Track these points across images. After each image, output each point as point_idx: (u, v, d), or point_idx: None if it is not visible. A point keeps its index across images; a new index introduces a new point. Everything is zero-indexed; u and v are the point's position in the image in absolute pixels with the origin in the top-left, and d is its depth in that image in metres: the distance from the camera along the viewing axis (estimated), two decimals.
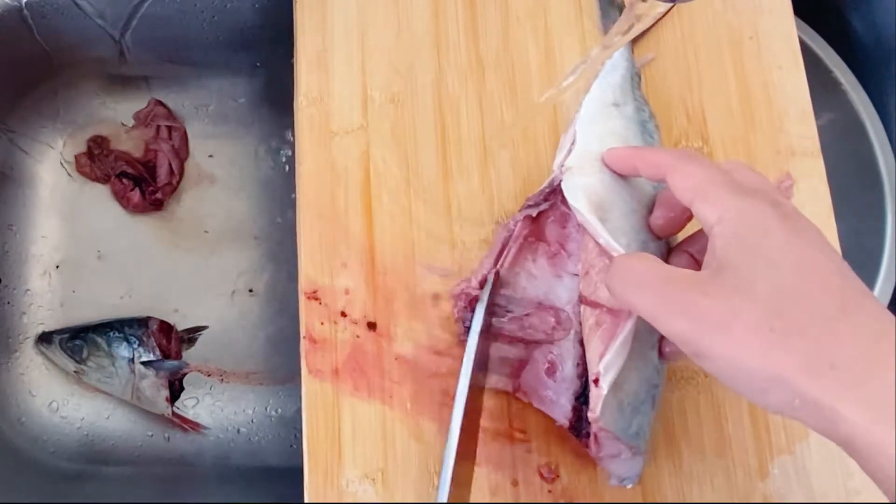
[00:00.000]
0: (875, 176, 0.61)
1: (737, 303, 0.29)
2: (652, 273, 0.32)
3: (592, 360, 0.37)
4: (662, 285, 0.31)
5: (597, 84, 0.46)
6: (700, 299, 0.30)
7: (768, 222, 0.31)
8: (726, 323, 0.29)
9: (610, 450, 0.38)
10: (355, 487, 0.42)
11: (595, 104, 0.45)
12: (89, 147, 0.67)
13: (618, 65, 0.46)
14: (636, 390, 0.38)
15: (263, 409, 0.65)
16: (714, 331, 0.29)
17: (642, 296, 0.32)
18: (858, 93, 0.62)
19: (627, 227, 0.39)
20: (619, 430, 0.37)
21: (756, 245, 0.30)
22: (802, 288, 0.29)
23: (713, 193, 0.32)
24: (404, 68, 0.49)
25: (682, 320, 0.30)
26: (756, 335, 0.29)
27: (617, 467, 0.39)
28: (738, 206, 0.31)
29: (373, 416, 0.43)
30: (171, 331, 0.64)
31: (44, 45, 0.63)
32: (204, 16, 0.62)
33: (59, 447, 0.62)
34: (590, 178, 0.40)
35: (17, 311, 0.65)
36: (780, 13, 0.51)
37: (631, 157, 0.39)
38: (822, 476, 0.44)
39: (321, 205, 0.46)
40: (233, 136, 0.70)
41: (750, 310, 0.29)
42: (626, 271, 0.33)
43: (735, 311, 0.29)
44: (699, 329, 0.30)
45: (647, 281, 0.32)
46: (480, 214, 0.46)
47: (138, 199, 0.66)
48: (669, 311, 0.31)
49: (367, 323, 0.44)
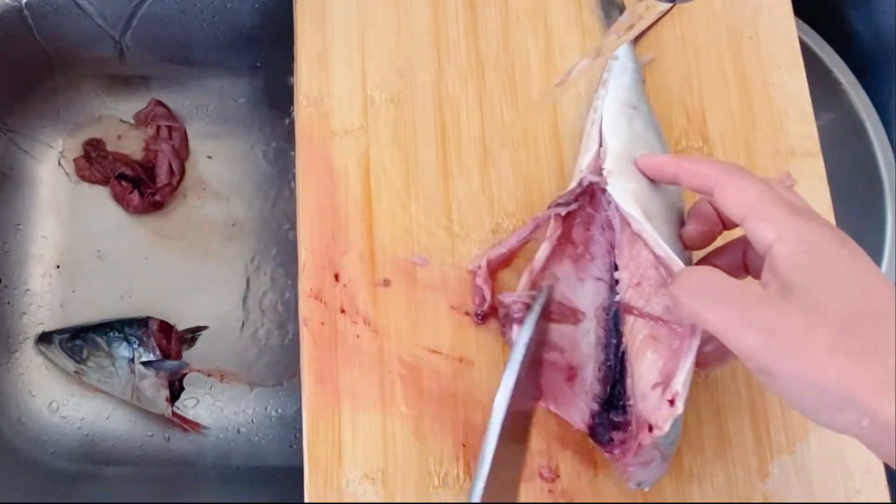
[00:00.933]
0: (875, 176, 0.61)
1: (811, 322, 0.29)
2: (723, 287, 0.32)
3: (647, 373, 0.37)
4: (735, 300, 0.31)
5: (612, 86, 0.45)
6: (774, 316, 0.30)
7: (831, 244, 0.31)
8: (802, 342, 0.29)
9: (646, 458, 0.38)
10: (355, 487, 0.42)
11: (614, 106, 0.44)
12: (86, 150, 0.67)
13: (626, 66, 0.46)
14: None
15: (263, 409, 0.65)
16: (787, 349, 0.29)
17: (713, 310, 0.32)
18: (858, 93, 0.62)
19: (667, 235, 0.39)
20: (661, 440, 0.37)
21: (823, 266, 0.30)
22: (871, 310, 0.29)
23: (769, 212, 0.32)
24: (404, 68, 0.49)
25: (755, 336, 0.30)
26: (831, 355, 0.29)
27: (643, 473, 0.39)
28: (798, 226, 0.31)
29: (373, 417, 0.43)
30: (171, 331, 0.64)
31: (44, 45, 0.63)
32: (204, 16, 0.62)
33: (59, 447, 0.62)
34: (633, 184, 0.40)
35: (17, 311, 0.65)
36: (780, 13, 0.51)
37: (671, 166, 0.38)
38: (822, 476, 0.43)
39: (321, 204, 0.46)
40: (233, 136, 0.70)
41: (824, 329, 0.29)
42: (695, 284, 0.33)
43: (810, 330, 0.29)
44: (772, 346, 0.30)
45: (719, 295, 0.32)
46: (480, 214, 0.46)
47: (138, 202, 0.66)
48: (742, 327, 0.31)
49: (368, 322, 0.44)
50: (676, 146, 0.48)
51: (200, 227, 0.68)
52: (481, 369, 0.44)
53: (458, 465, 0.42)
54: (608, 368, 0.39)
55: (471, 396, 0.43)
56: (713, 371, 0.45)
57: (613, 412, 0.39)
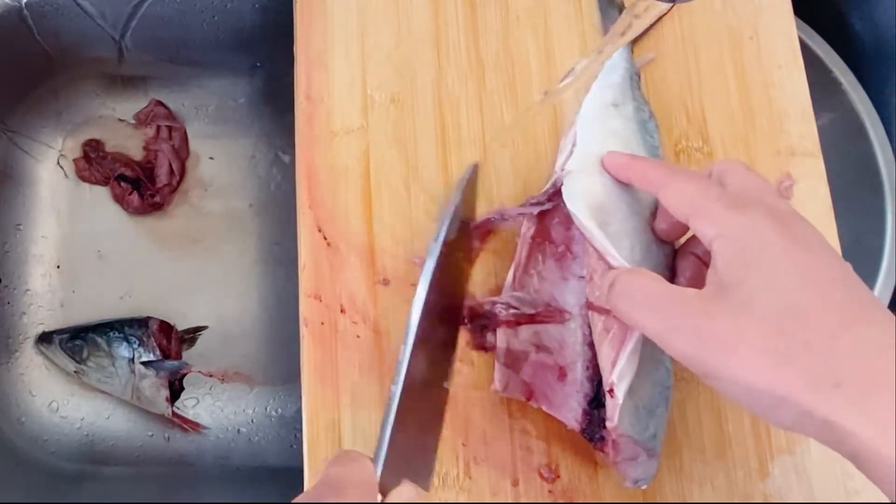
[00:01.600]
0: (875, 176, 0.61)
1: (741, 324, 0.29)
2: (656, 293, 0.32)
3: (605, 367, 0.37)
4: (666, 307, 0.32)
5: (596, 85, 0.46)
6: (704, 322, 0.30)
7: (766, 235, 0.31)
8: (731, 345, 0.29)
9: (628, 454, 0.38)
10: None
11: (594, 105, 0.45)
12: (85, 151, 0.67)
13: (617, 65, 0.46)
14: (651, 394, 0.38)
15: (263, 409, 0.65)
16: (720, 353, 0.30)
17: (647, 317, 0.32)
18: (858, 93, 0.62)
19: (630, 229, 0.39)
20: (636, 434, 0.37)
21: (755, 261, 0.30)
22: (804, 304, 0.29)
23: (707, 209, 0.32)
24: (404, 68, 0.49)
25: (688, 344, 0.30)
26: (761, 356, 0.29)
27: (633, 470, 0.39)
28: (734, 221, 0.31)
29: (373, 416, 0.43)
30: (171, 331, 0.64)
31: (44, 45, 0.63)
32: (204, 16, 0.62)
33: (59, 447, 0.62)
34: (591, 181, 0.40)
35: (17, 311, 0.65)
36: (780, 13, 0.51)
37: (625, 168, 0.39)
38: (822, 476, 0.43)
39: (321, 204, 0.46)
40: (233, 136, 0.70)
41: (754, 331, 0.29)
42: (629, 290, 0.33)
43: (739, 332, 0.29)
44: (705, 351, 0.30)
45: (651, 302, 0.32)
46: (480, 214, 0.46)
47: (137, 203, 0.66)
48: (675, 334, 0.31)
49: (368, 322, 0.44)
50: (676, 146, 0.48)
51: (200, 227, 0.68)
52: (481, 369, 0.44)
53: (457, 464, 0.42)
54: (595, 366, 0.39)
55: (470, 396, 0.43)
56: None
57: (601, 409, 0.39)
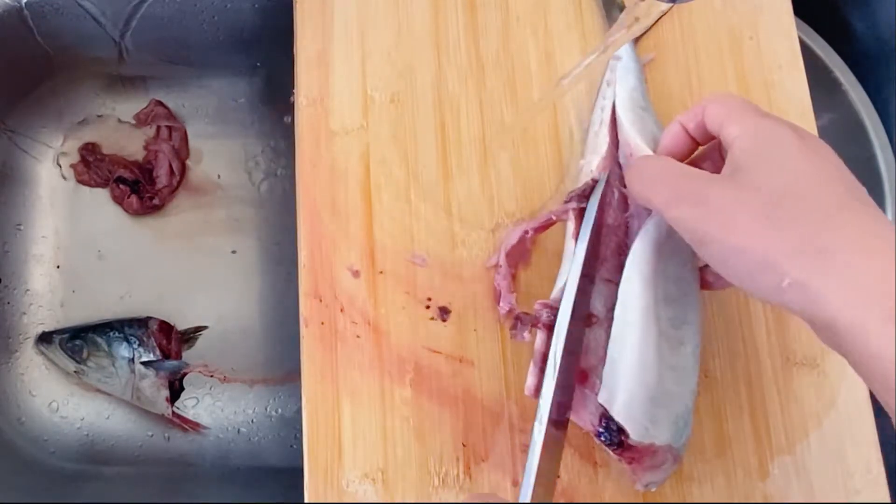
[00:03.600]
0: (875, 176, 0.61)
1: (743, 196, 0.32)
2: (667, 170, 0.35)
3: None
4: (676, 179, 0.34)
5: (620, 88, 0.45)
6: (708, 189, 0.33)
7: (785, 137, 0.33)
8: (729, 210, 0.32)
9: (658, 460, 0.38)
10: (355, 487, 0.42)
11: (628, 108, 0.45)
12: (82, 155, 0.67)
13: (630, 67, 0.46)
14: (686, 403, 0.39)
15: (263, 409, 0.65)
16: (716, 217, 0.32)
17: (657, 191, 0.35)
18: (858, 93, 0.62)
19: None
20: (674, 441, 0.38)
21: (769, 153, 0.33)
22: (805, 188, 0.31)
23: (739, 115, 0.35)
24: (404, 68, 0.49)
25: (689, 207, 0.33)
26: (754, 221, 0.31)
27: (654, 474, 0.39)
28: (758, 122, 0.34)
29: (373, 416, 0.43)
30: (171, 331, 0.64)
31: (44, 45, 0.63)
32: (204, 16, 0.62)
33: (59, 447, 0.62)
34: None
35: (17, 311, 0.65)
36: (780, 13, 0.51)
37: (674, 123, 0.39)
38: (822, 476, 0.43)
39: (321, 205, 0.46)
40: (233, 136, 0.70)
41: (753, 203, 0.31)
42: (643, 169, 0.36)
43: (739, 201, 0.32)
44: (703, 214, 0.32)
45: (663, 177, 0.35)
46: (480, 214, 0.46)
47: (137, 205, 0.66)
48: (678, 200, 0.34)
49: (368, 322, 0.44)
50: None
51: (200, 227, 0.68)
52: (481, 369, 0.44)
53: (458, 465, 0.42)
54: None
55: (471, 396, 0.43)
56: (714, 372, 0.45)
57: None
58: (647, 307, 0.38)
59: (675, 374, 0.38)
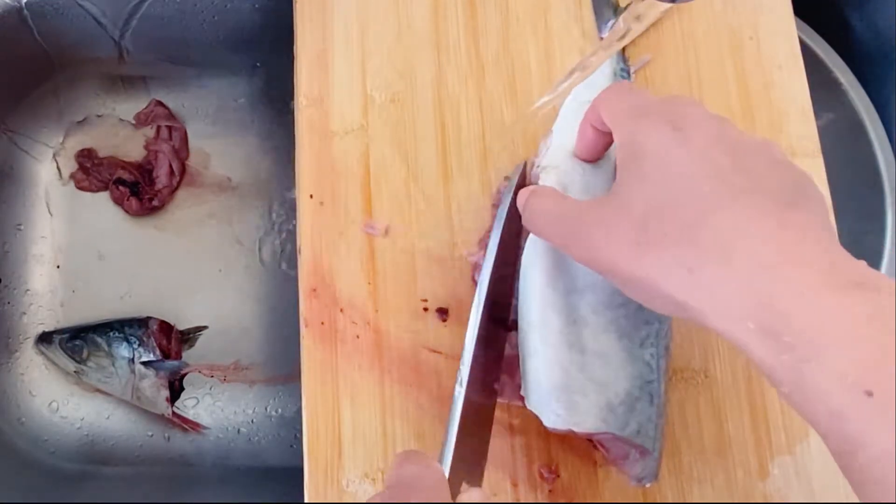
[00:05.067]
0: (875, 176, 0.61)
1: (614, 222, 0.32)
2: (553, 208, 0.36)
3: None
4: (561, 220, 0.35)
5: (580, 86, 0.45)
6: (588, 223, 0.33)
7: (654, 139, 0.32)
8: (607, 242, 0.32)
9: (617, 451, 0.38)
10: (355, 487, 0.42)
11: (572, 104, 0.45)
12: (80, 163, 0.67)
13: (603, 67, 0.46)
14: (627, 389, 0.38)
15: (263, 409, 0.65)
16: (600, 251, 0.33)
17: (548, 233, 0.36)
18: (858, 93, 0.62)
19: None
20: (617, 431, 0.37)
21: (636, 165, 0.32)
22: (669, 201, 0.31)
23: (620, 121, 0.35)
24: (404, 68, 0.49)
25: (580, 248, 0.34)
26: (627, 250, 0.32)
27: (631, 468, 0.39)
28: (632, 128, 0.34)
29: (373, 416, 0.43)
30: (171, 331, 0.64)
31: (44, 45, 0.63)
32: (204, 16, 0.62)
33: (59, 447, 0.62)
34: (569, 177, 0.40)
35: (17, 311, 0.65)
36: (780, 13, 0.51)
37: (584, 123, 0.39)
38: (822, 476, 0.43)
39: (321, 204, 0.46)
40: (233, 136, 0.70)
41: (622, 226, 0.32)
42: (535, 209, 0.37)
43: (612, 230, 0.32)
44: (590, 251, 0.33)
45: (550, 218, 0.36)
46: (480, 214, 0.46)
47: (137, 207, 0.66)
48: (567, 241, 0.35)
49: (368, 322, 0.44)
50: None
51: (200, 227, 0.68)
52: None
53: None
54: None
55: None
56: (714, 372, 0.45)
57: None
58: (544, 298, 0.38)
59: (600, 361, 0.38)
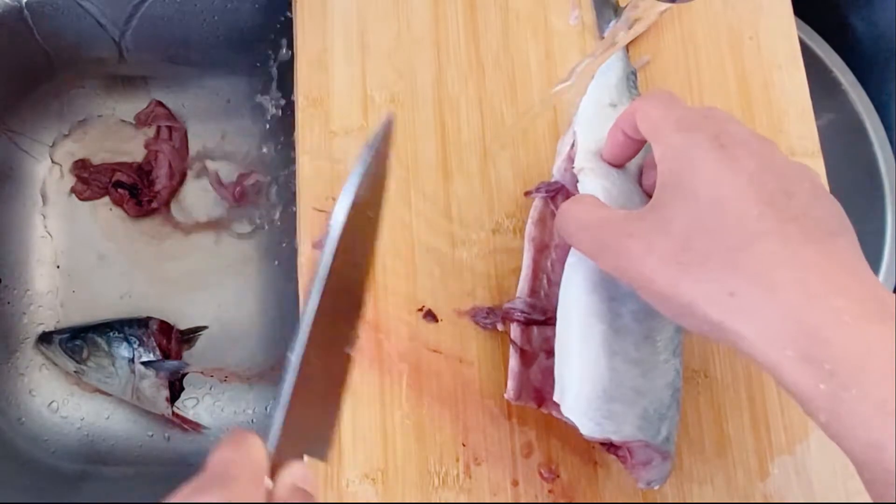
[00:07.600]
0: (875, 176, 0.61)
1: (654, 239, 0.32)
2: (588, 216, 0.35)
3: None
4: (597, 228, 0.34)
5: (593, 85, 0.45)
6: (627, 236, 0.33)
7: (700, 156, 0.32)
8: (645, 259, 0.32)
9: (641, 458, 0.38)
10: (355, 487, 0.42)
11: (592, 106, 0.44)
12: (77, 174, 0.67)
13: (612, 65, 0.46)
14: (661, 397, 0.38)
15: (263, 409, 0.65)
16: (635, 266, 0.32)
17: (581, 240, 0.35)
18: (858, 93, 0.62)
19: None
20: (649, 438, 0.37)
21: (682, 182, 0.32)
22: (714, 222, 0.31)
23: (661, 132, 0.34)
24: (404, 68, 0.49)
25: (611, 258, 0.33)
26: (667, 268, 0.31)
27: (647, 473, 0.39)
28: (676, 142, 0.33)
29: (373, 416, 0.43)
30: (171, 331, 0.64)
31: (44, 45, 0.63)
32: (204, 16, 0.62)
33: (59, 447, 0.62)
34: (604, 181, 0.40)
35: (17, 311, 0.65)
36: (780, 13, 0.51)
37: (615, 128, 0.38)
38: (822, 476, 0.43)
39: (321, 204, 0.46)
40: (233, 136, 0.70)
41: (664, 244, 0.31)
42: (569, 215, 0.36)
43: (651, 246, 0.32)
44: (624, 265, 0.33)
45: (585, 225, 0.35)
46: (480, 215, 0.46)
47: (136, 209, 0.66)
48: (601, 251, 0.34)
49: (367, 322, 0.44)
50: None
51: (200, 228, 0.68)
52: (481, 369, 0.44)
53: (458, 465, 0.42)
54: None
55: (470, 396, 0.43)
56: (714, 372, 0.45)
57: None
58: (589, 304, 0.38)
59: (639, 369, 0.38)
